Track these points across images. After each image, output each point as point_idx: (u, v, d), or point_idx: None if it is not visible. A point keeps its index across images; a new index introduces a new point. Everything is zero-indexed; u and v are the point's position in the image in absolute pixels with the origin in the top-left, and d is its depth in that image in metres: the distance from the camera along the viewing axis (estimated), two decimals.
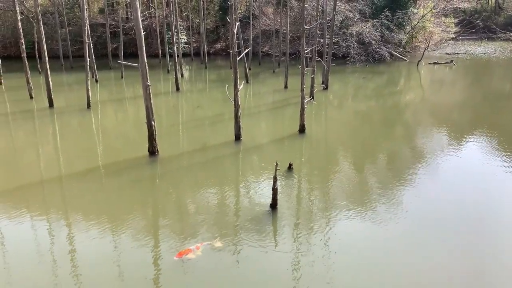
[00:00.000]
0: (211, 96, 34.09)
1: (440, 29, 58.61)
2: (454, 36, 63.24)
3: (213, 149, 18.48)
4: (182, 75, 41.72)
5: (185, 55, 56.30)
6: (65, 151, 18.84)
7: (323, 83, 33.69)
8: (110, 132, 22.58)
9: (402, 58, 53.50)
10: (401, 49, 54.46)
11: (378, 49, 50.12)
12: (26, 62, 29.83)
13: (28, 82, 30.14)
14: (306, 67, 20.14)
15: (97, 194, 13.77)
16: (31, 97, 30.04)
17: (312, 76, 27.41)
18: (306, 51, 19.88)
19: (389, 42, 52.12)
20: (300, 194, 13.60)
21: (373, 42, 49.71)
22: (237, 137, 18.87)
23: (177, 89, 34.27)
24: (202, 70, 49.60)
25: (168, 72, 45.32)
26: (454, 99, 32.40)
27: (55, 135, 21.77)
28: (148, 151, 16.79)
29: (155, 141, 16.71)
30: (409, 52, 57.81)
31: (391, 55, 52.52)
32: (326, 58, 32.28)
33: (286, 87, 34.22)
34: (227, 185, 14.45)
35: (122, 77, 40.98)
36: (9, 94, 32.67)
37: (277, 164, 11.47)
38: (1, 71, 36.98)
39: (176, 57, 36.34)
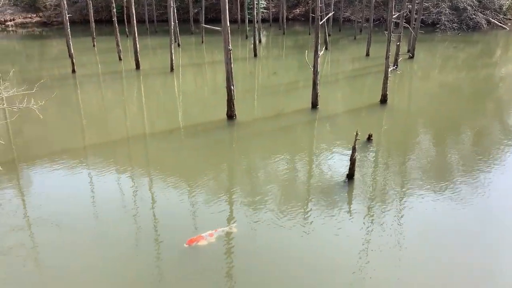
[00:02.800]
0: (288, 62, 33.63)
1: None
2: None
3: (289, 116, 18.36)
4: (260, 41, 41.55)
5: (263, 20, 55.79)
6: (149, 111, 19.92)
7: (409, 51, 31.53)
8: (191, 95, 23.37)
9: (502, 26, 48.06)
10: (501, 16, 48.86)
11: (473, 16, 45.47)
12: (116, 25, 31.59)
13: (117, 45, 32.01)
14: (392, 34, 18.85)
15: (177, 153, 14.46)
16: (120, 59, 31.94)
17: (398, 43, 25.70)
18: (393, 16, 18.56)
19: (487, 8, 46.99)
20: (377, 167, 13.09)
21: (468, 8, 45.15)
22: (314, 105, 18.49)
23: (255, 55, 34.24)
24: (279, 36, 48.90)
25: (247, 38, 45.38)
26: None
27: (140, 96, 23.06)
28: (227, 114, 17.12)
29: (234, 106, 16.97)
30: (510, 19, 51.70)
31: (489, 22, 47.40)
32: (414, 24, 30.01)
33: (367, 54, 32.59)
34: (302, 153, 14.34)
35: (202, 42, 41.88)
36: (101, 56, 35.02)
37: (357, 133, 11.07)
38: (94, 34, 39.62)
39: (256, 23, 36.12)
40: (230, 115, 17.07)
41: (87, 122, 18.44)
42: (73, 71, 27.19)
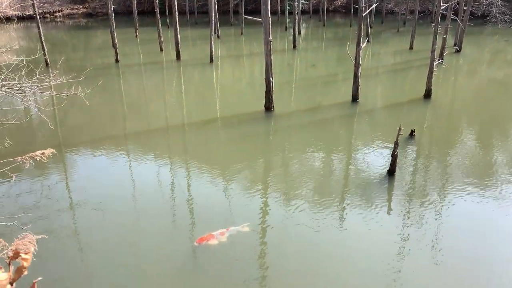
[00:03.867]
0: (327, 55, 33.09)
1: None
2: None
3: (327, 109, 18.07)
4: (299, 33, 41.10)
5: (303, 12, 55.15)
6: (188, 102, 20.19)
7: (455, 45, 30.20)
8: (229, 86, 23.48)
9: None
10: None
11: None
12: (159, 17, 32.17)
13: (159, 36, 32.62)
14: (439, 26, 18.05)
15: (213, 144, 14.57)
16: (161, 50, 32.54)
17: (444, 36, 24.65)
18: (442, 8, 17.75)
19: None
20: (419, 164, 12.64)
21: None
22: (354, 98, 18.09)
23: (294, 46, 33.92)
24: (319, 28, 48.19)
25: (286, 29, 45.02)
26: None
27: (180, 86, 23.42)
28: (264, 106, 17.07)
29: (272, 97, 16.87)
30: None
31: None
32: (463, 16, 28.63)
33: (411, 48, 31.49)
34: (340, 147, 14.10)
35: (241, 34, 41.96)
36: (143, 47, 35.83)
37: (400, 128, 10.73)
38: (137, 25, 40.54)
39: (295, 14, 35.73)
40: (268, 107, 17.00)
41: (128, 110, 18.95)
42: (117, 60, 27.97)
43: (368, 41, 34.99)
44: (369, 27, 36.14)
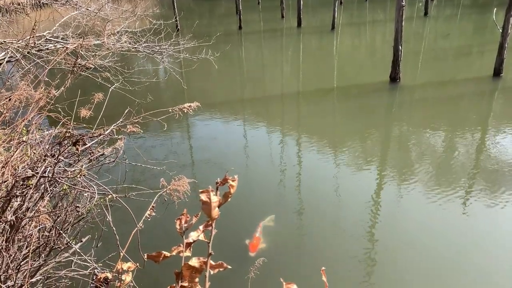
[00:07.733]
0: (462, 24, 29.52)
1: None
2: None
3: (461, 83, 16.22)
4: None
5: None
6: (307, 70, 19.92)
7: None
8: (350, 54, 22.54)
9: None
10: None
11: None
12: None
13: (281, 3, 32.52)
14: None
15: (328, 114, 14.17)
16: (282, 17, 32.49)
17: None
18: None
19: None
20: None
21: None
22: (497, 73, 15.84)
23: (425, 14, 30.97)
24: None
25: None
26: None
27: (298, 54, 23.20)
28: (390, 77, 15.98)
29: (399, 68, 15.69)
30: None
31: None
32: None
33: None
34: (472, 128, 12.52)
35: (366, 0, 39.69)
36: (264, 14, 36.23)
37: None
38: None
39: None
40: (394, 78, 15.87)
41: (247, 76, 19.48)
42: (240, 27, 28.74)
43: None
44: None
